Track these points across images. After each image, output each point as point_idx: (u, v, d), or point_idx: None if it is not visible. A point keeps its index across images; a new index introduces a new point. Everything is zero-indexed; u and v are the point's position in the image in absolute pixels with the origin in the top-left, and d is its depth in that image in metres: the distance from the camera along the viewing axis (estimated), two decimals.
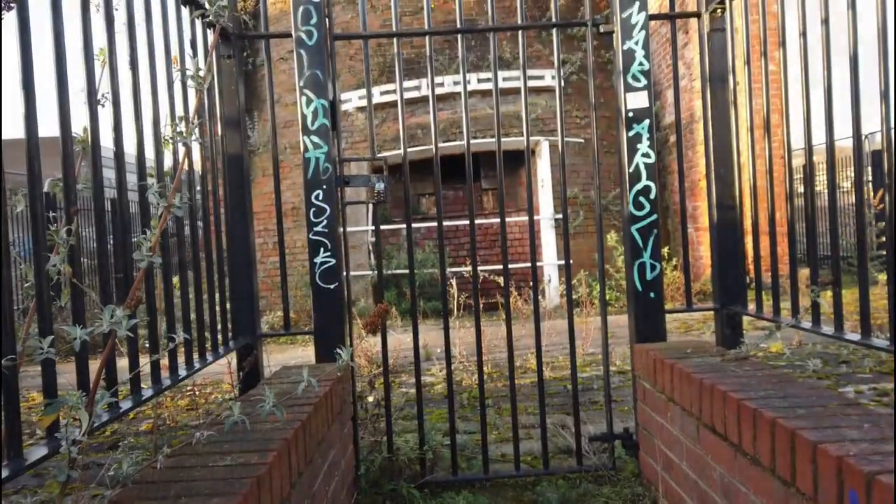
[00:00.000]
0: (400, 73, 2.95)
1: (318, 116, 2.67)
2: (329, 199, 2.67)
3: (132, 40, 1.81)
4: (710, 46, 2.78)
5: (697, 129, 8.48)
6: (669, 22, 2.89)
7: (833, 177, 2.07)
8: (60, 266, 1.34)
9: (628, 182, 2.70)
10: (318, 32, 2.66)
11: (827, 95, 1.99)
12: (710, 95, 2.78)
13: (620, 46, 2.71)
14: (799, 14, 2.08)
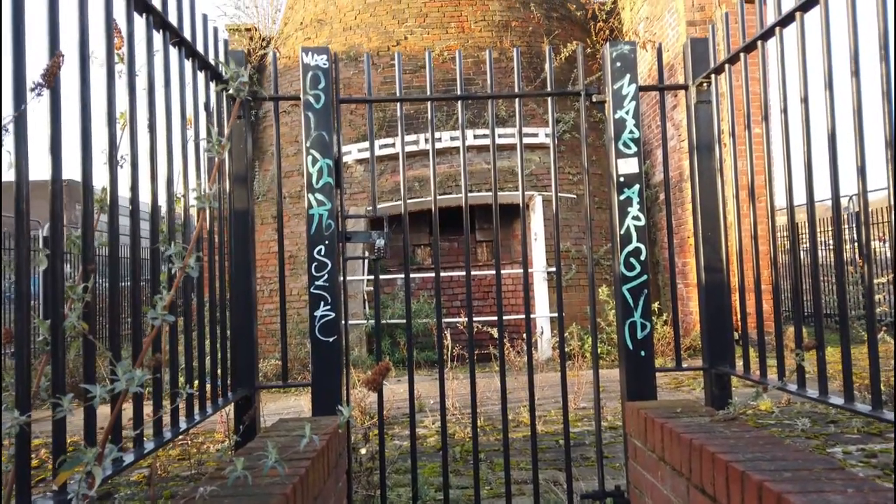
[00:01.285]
0: (402, 134, 3.07)
1: (323, 175, 2.78)
2: (330, 254, 2.75)
3: (151, 105, 1.91)
4: (697, 117, 2.92)
5: (686, 188, 8.68)
6: (659, 92, 3.05)
7: (814, 246, 2.17)
8: (76, 323, 1.40)
9: (619, 243, 2.80)
10: (326, 96, 2.79)
11: (807, 170, 2.11)
12: (697, 163, 2.91)
13: (612, 115, 2.85)
14: (780, 94, 2.22)
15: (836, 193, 2.02)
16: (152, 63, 1.93)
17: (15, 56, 1.24)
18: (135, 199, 1.77)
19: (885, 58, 1.75)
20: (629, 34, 10.20)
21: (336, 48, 10.14)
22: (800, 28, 2.11)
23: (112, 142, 1.66)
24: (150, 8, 1.93)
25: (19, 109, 1.20)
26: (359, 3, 10.34)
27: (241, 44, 10.71)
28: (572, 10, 10.59)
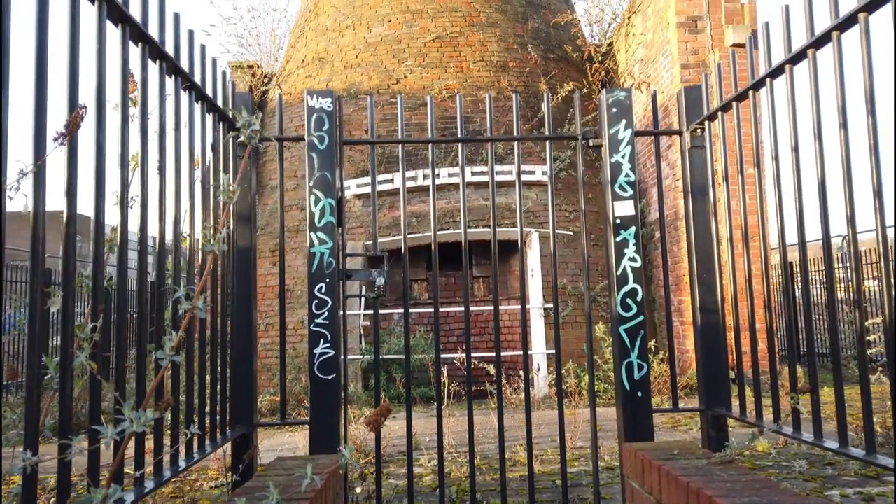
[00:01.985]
0: (403, 175, 3.13)
1: (325, 214, 2.83)
2: (331, 292, 2.79)
3: (162, 148, 1.97)
4: (692, 162, 2.99)
5: (682, 227, 8.77)
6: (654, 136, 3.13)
7: (807, 289, 2.22)
8: (86, 362, 1.43)
9: (616, 284, 2.85)
10: (329, 138, 2.86)
11: (799, 216, 2.17)
12: (691, 206, 2.97)
13: (608, 159, 2.92)
14: (771, 142, 2.29)
15: (827, 236, 2.08)
16: (164, 107, 1.99)
17: (37, 108, 1.30)
18: (143, 240, 1.81)
19: (872, 112, 1.82)
20: (624, 75, 10.41)
21: (337, 86, 10.31)
22: (789, 80, 2.19)
23: (124, 184, 1.71)
24: (163, 55, 2.00)
25: (40, 158, 1.25)
26: (360, 42, 10.56)
27: (244, 80, 10.89)
28: (569, 52, 10.82)
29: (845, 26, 1.95)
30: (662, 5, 8.73)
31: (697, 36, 8.31)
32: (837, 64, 1.97)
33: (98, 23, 1.60)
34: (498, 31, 10.52)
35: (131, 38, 1.78)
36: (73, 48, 1.46)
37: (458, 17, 10.56)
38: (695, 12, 8.32)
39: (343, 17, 10.85)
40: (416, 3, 10.63)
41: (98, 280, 1.58)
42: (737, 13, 8.22)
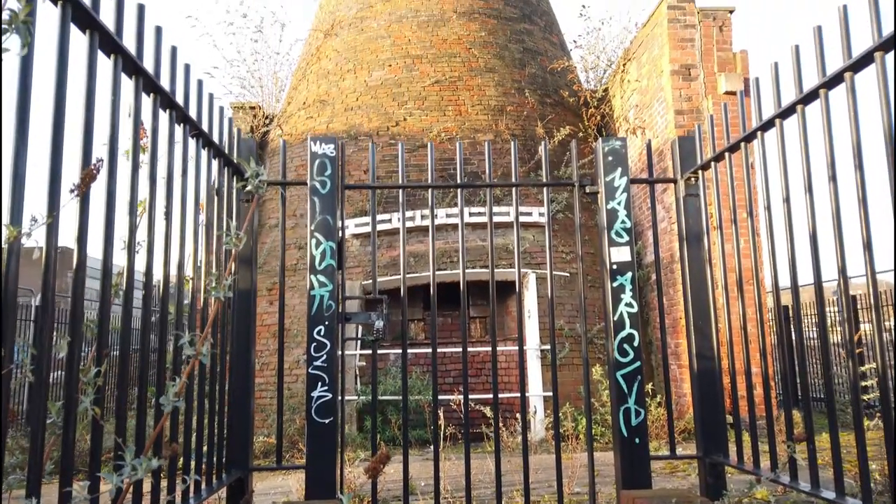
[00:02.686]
0: (403, 219, 3.18)
1: (326, 257, 2.87)
2: (330, 335, 2.80)
3: (169, 194, 2.02)
4: (686, 209, 3.05)
5: (677, 269, 8.83)
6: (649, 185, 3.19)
7: (801, 336, 2.25)
8: (90, 408, 1.44)
9: (613, 329, 2.87)
10: (332, 183, 2.92)
11: (791, 265, 2.21)
12: (686, 253, 3.02)
13: (605, 205, 2.98)
14: (763, 193, 2.35)
15: (819, 284, 2.12)
16: (173, 154, 2.05)
17: (52, 162, 1.34)
18: (148, 284, 1.84)
19: (860, 166, 1.89)
20: (619, 120, 10.61)
21: (337, 127, 10.47)
22: (779, 134, 2.27)
23: (132, 230, 1.75)
24: (173, 104, 2.06)
25: (55, 211, 1.29)
26: (360, 85, 10.77)
27: (245, 121, 11.04)
28: (565, 97, 11.04)
29: (832, 84, 2.02)
30: (657, 53, 8.96)
31: (691, 83, 8.51)
32: (825, 120, 2.04)
33: (113, 75, 1.67)
34: (496, 77, 10.75)
35: (144, 89, 1.84)
36: (90, 100, 1.51)
37: (457, 62, 10.79)
38: (688, 60, 8.53)
39: (344, 61, 11.08)
40: (416, 48, 10.88)
41: (104, 325, 1.61)
42: (729, 62, 8.44)
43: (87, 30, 1.54)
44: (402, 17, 11.18)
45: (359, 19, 11.40)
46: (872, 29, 1.80)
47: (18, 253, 1.22)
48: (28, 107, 1.24)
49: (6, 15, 0.94)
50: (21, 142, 1.23)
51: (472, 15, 11.17)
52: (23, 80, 1.22)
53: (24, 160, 1.23)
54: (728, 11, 8.49)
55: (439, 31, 11.00)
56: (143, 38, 1.81)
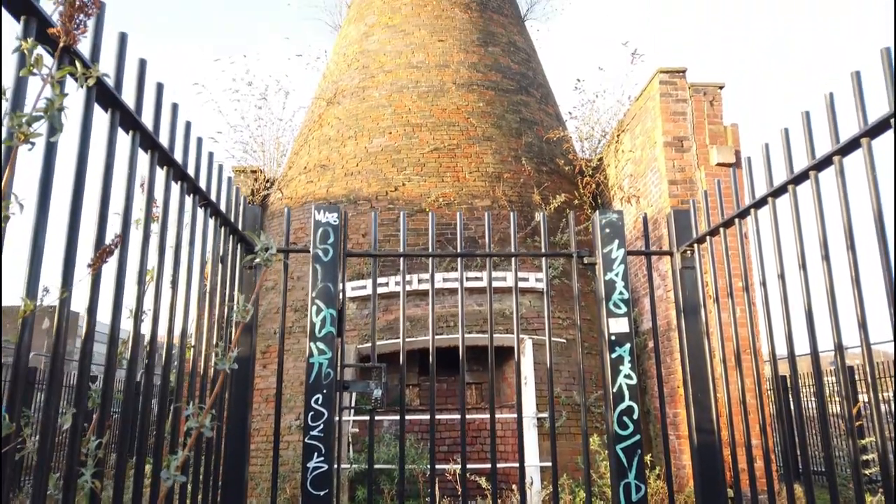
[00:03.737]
0: (404, 286, 3.21)
1: (326, 325, 2.88)
2: (327, 404, 2.78)
3: (177, 263, 2.05)
4: (682, 281, 3.10)
5: (675, 337, 8.81)
6: (645, 256, 3.25)
7: (800, 414, 2.25)
8: (90, 481, 1.43)
9: (612, 401, 2.86)
10: (334, 250, 2.96)
11: (789, 340, 2.24)
12: (684, 326, 3.05)
13: (602, 276, 3.02)
14: (758, 268, 2.40)
15: (817, 361, 2.14)
16: (182, 224, 2.09)
17: (69, 237, 1.38)
18: (152, 355, 1.85)
19: (852, 247, 1.94)
20: (614, 188, 10.81)
21: (337, 191, 10.64)
22: (772, 212, 2.33)
23: (139, 300, 1.77)
24: (185, 176, 2.12)
25: (69, 289, 1.32)
26: (361, 151, 11.00)
27: (247, 184, 11.22)
28: (561, 165, 11.28)
29: (822, 166, 2.10)
30: (649, 126, 9.22)
31: (684, 154, 8.73)
32: (816, 200, 2.11)
33: (131, 150, 1.73)
34: (493, 145, 11.01)
35: (158, 162, 1.91)
36: (108, 175, 1.56)
37: (456, 130, 11.07)
38: (680, 133, 8.78)
39: (346, 128, 11.36)
40: (415, 117, 11.18)
41: (108, 395, 1.61)
42: (720, 135, 8.69)
43: (109, 108, 1.61)
44: (402, 87, 11.53)
45: (361, 88, 11.75)
46: (858, 116, 1.89)
47: (32, 325, 1.24)
48: (50, 185, 1.29)
49: (42, 103, 1.00)
50: (42, 217, 1.27)
51: (470, 86, 11.54)
52: (47, 161, 1.27)
53: (44, 235, 1.27)
54: (718, 87, 8.80)
55: (439, 100, 11.34)
56: (161, 114, 1.88)
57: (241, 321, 1.67)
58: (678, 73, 8.80)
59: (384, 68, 11.87)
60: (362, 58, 12.23)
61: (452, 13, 12.50)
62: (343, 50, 12.85)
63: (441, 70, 11.71)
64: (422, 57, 11.88)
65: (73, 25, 1.10)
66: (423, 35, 12.19)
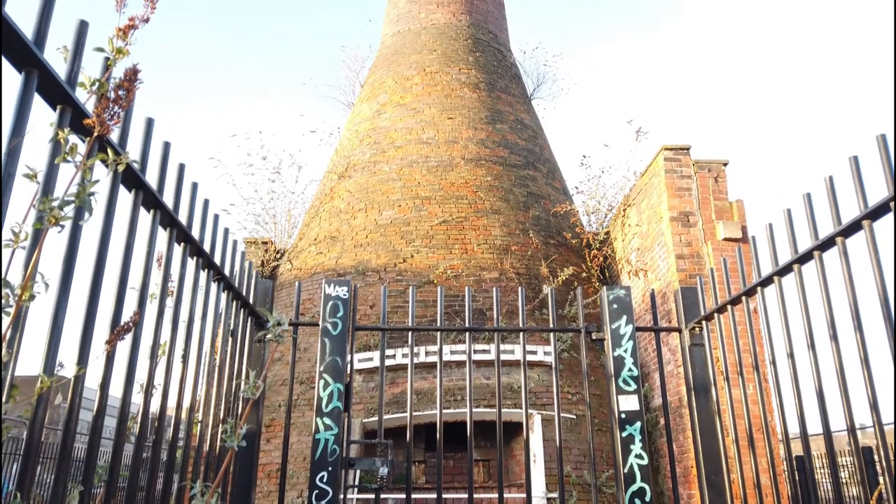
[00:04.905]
0: (412, 360, 3.21)
1: (333, 399, 2.86)
2: (332, 482, 2.74)
3: (188, 338, 2.07)
4: (692, 360, 3.08)
5: (686, 414, 8.63)
6: (654, 333, 3.24)
7: (816, 496, 2.19)
8: None
9: (623, 483, 2.80)
10: (343, 324, 2.98)
11: (801, 420, 2.21)
12: (695, 404, 3.01)
13: (611, 353, 3.01)
14: (768, 347, 2.40)
15: (831, 446, 2.10)
16: (195, 299, 2.13)
17: (87, 314, 1.42)
18: (160, 431, 1.85)
19: (859, 328, 1.95)
20: (622, 262, 10.86)
21: (346, 263, 10.74)
22: (779, 292, 2.35)
23: (150, 376, 1.79)
24: (201, 251, 2.17)
25: (84, 365, 1.34)
26: (370, 223, 11.17)
27: (257, 255, 11.35)
28: (568, 238, 11.39)
29: (825, 247, 2.13)
30: (655, 201, 9.35)
31: (690, 229, 8.81)
32: (821, 280, 2.13)
33: (151, 228, 1.79)
34: (501, 218, 11.16)
35: (176, 239, 1.96)
36: (128, 253, 1.61)
37: (464, 203, 11.26)
38: (686, 208, 8.90)
39: (356, 201, 11.58)
40: (425, 190, 11.40)
41: (114, 472, 1.60)
42: (726, 210, 8.79)
43: (133, 189, 1.68)
44: (412, 162, 11.82)
45: (372, 163, 12.05)
46: (858, 199, 1.93)
47: (47, 402, 1.26)
48: (74, 265, 1.33)
49: (74, 188, 1.06)
50: (63, 295, 1.31)
51: (478, 161, 11.81)
52: (72, 241, 1.32)
53: (64, 313, 1.31)
54: (722, 164, 8.97)
55: (448, 175, 11.58)
56: (181, 193, 1.96)
57: (250, 397, 1.68)
58: (682, 149, 9.00)
59: (395, 144, 12.20)
60: (374, 134, 12.60)
61: (462, 93, 12.94)
62: (356, 126, 13.26)
63: (450, 146, 12.02)
64: (431, 133, 12.23)
65: (107, 116, 1.17)
66: (433, 113, 12.58)
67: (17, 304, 1.04)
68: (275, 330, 1.81)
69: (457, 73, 13.25)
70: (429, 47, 13.88)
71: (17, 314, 1.05)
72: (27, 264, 1.16)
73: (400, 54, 13.98)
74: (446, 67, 13.34)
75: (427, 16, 14.48)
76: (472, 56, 13.78)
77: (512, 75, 14.37)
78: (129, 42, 1.42)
